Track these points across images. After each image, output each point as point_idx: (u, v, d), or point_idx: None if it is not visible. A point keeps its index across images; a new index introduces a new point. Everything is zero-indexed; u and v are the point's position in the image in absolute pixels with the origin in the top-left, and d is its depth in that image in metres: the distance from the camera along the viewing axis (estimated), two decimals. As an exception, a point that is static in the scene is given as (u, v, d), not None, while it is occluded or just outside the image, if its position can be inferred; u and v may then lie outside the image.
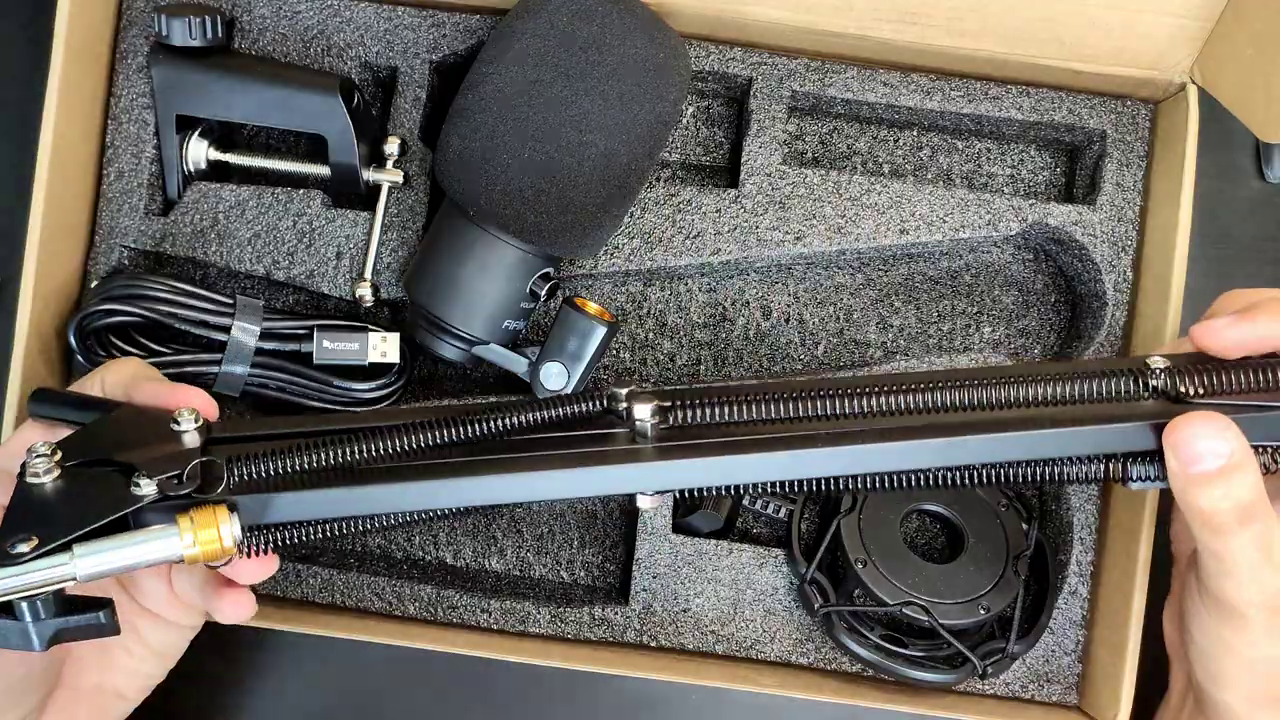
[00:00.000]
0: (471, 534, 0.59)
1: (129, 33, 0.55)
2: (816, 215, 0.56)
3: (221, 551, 0.35)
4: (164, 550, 0.35)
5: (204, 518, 0.35)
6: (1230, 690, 0.42)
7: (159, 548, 0.34)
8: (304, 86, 0.53)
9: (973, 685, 0.54)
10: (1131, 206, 0.56)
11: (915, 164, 0.60)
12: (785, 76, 0.56)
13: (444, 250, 0.51)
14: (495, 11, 0.55)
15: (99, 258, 0.55)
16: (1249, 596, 0.39)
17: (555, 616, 0.54)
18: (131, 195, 0.55)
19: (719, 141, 0.60)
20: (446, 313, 0.51)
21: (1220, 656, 0.42)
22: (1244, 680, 0.42)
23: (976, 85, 0.57)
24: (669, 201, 0.56)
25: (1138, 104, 0.57)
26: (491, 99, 0.48)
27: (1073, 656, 0.55)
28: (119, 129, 0.55)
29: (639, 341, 0.59)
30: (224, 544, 0.35)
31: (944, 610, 0.52)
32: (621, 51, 0.48)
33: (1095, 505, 0.55)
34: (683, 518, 0.55)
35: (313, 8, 0.56)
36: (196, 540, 0.35)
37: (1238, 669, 0.42)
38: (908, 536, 0.57)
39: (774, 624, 0.55)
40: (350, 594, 0.54)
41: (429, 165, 0.55)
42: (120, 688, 0.44)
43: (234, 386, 0.53)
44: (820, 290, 0.59)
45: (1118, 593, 0.53)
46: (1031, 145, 0.60)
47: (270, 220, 0.55)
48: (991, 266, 0.59)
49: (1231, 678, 0.42)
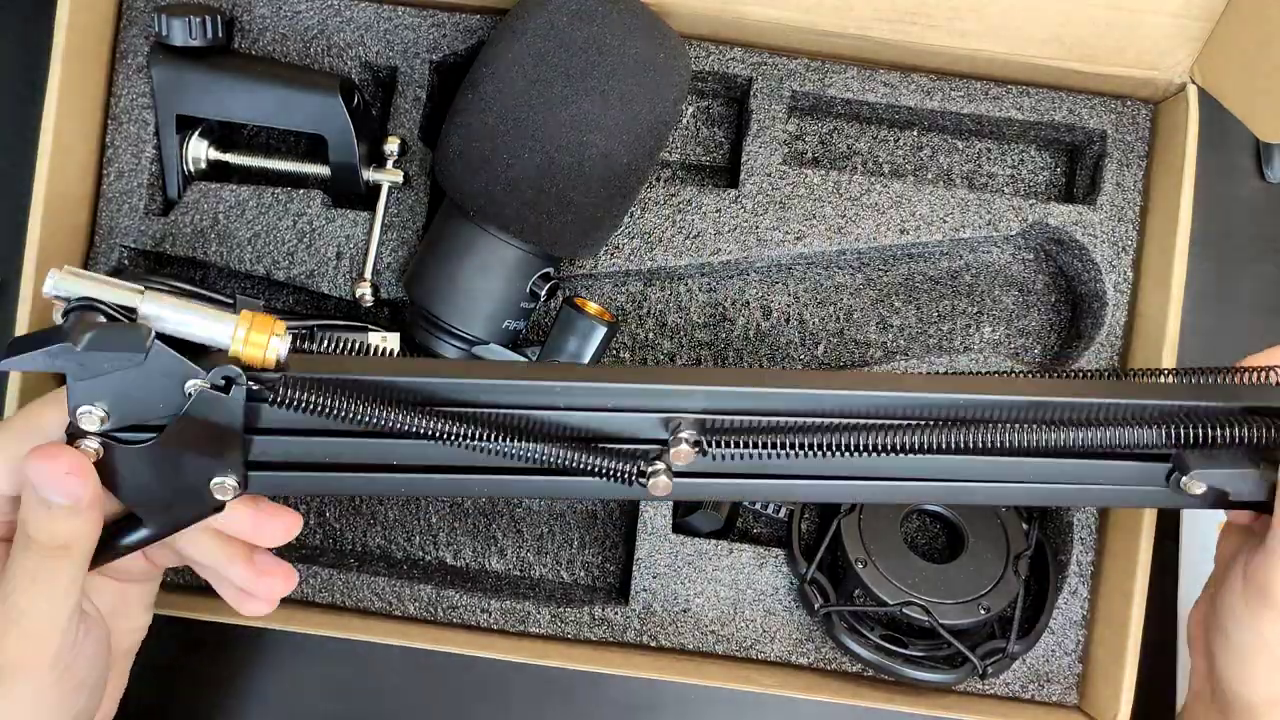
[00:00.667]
0: (471, 534, 0.59)
1: (129, 33, 0.55)
2: (816, 215, 0.56)
3: (262, 360, 0.36)
4: (214, 331, 0.36)
5: (262, 323, 0.36)
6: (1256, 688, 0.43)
7: (210, 327, 0.36)
8: (304, 86, 0.53)
9: (973, 685, 0.54)
10: (1131, 206, 0.56)
11: (915, 164, 0.60)
12: (785, 76, 0.56)
13: (444, 250, 0.51)
14: (495, 11, 0.55)
15: (99, 258, 0.55)
16: None
17: (555, 616, 0.54)
18: (131, 195, 0.55)
19: (719, 141, 0.60)
20: (446, 313, 0.51)
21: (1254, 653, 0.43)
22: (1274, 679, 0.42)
23: (976, 85, 0.57)
24: (669, 201, 0.56)
25: (1138, 104, 0.57)
26: (492, 99, 0.48)
27: (1073, 656, 0.55)
28: (119, 129, 0.55)
29: (639, 341, 0.59)
30: (267, 355, 0.36)
31: (944, 610, 0.52)
32: (621, 52, 0.48)
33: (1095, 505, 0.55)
34: (683, 518, 0.55)
35: (313, 8, 0.56)
36: (247, 338, 0.36)
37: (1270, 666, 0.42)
38: (908, 536, 0.57)
39: (774, 624, 0.55)
40: (350, 594, 0.54)
41: (429, 165, 0.55)
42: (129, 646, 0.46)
43: (234, 386, 0.53)
44: (820, 290, 0.59)
45: (1118, 593, 0.53)
46: (1031, 145, 0.60)
47: (270, 220, 0.55)
48: (991, 266, 0.59)
49: (1262, 676, 0.43)
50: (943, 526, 0.57)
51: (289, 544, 0.44)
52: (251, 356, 0.36)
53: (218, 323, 0.36)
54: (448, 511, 0.59)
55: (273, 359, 0.36)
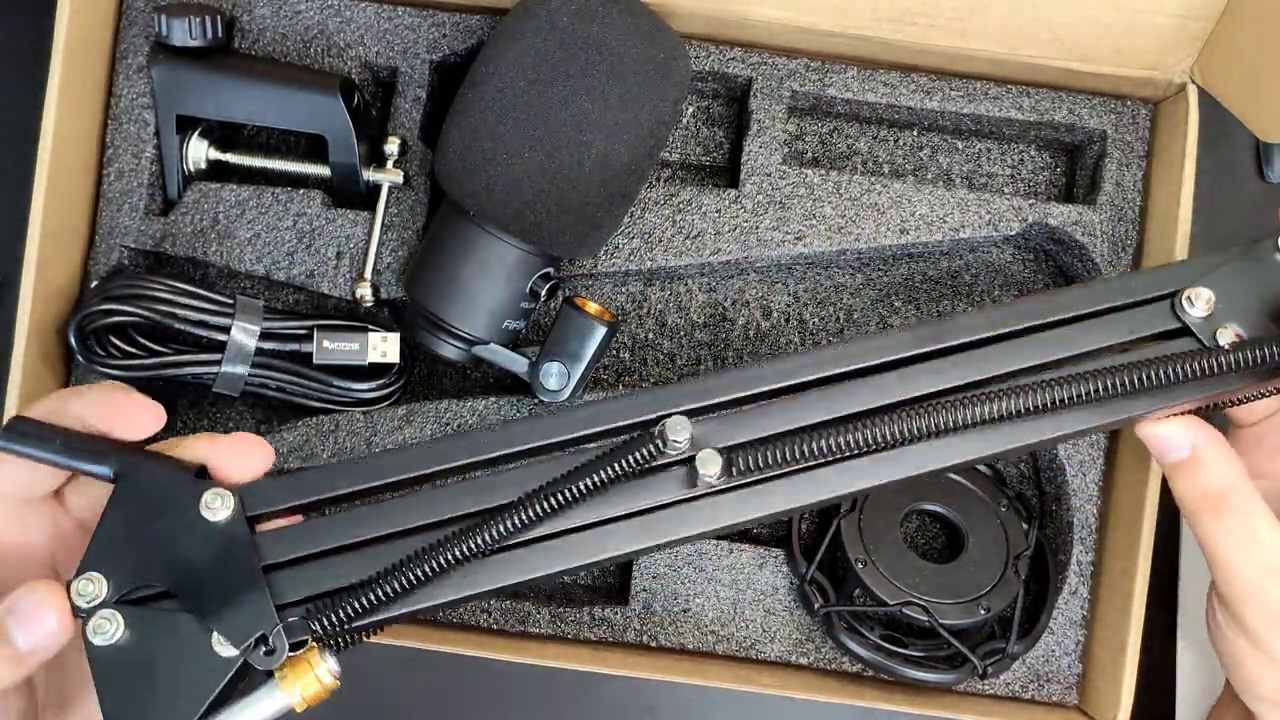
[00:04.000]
0: (471, 534, 0.59)
1: (129, 33, 0.55)
2: (816, 215, 0.56)
3: (324, 690, 0.36)
4: (276, 706, 0.35)
5: (299, 669, 0.35)
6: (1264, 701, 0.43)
7: (269, 705, 0.35)
8: (304, 86, 0.53)
9: (973, 685, 0.54)
10: (1131, 206, 0.56)
11: (915, 164, 0.60)
12: (785, 76, 0.56)
13: (444, 250, 0.51)
14: (495, 11, 0.55)
15: (99, 258, 0.54)
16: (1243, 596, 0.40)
17: (555, 616, 0.54)
18: (131, 195, 0.55)
19: (719, 141, 0.60)
20: (446, 312, 0.51)
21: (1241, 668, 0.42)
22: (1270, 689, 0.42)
23: (976, 85, 0.57)
24: (669, 201, 0.56)
25: (1138, 104, 0.57)
26: (492, 99, 0.48)
27: (1073, 656, 0.55)
28: (119, 129, 0.55)
29: (639, 341, 0.59)
30: (324, 683, 0.35)
31: (944, 610, 0.52)
32: (621, 51, 0.48)
33: (1095, 505, 0.55)
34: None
35: (313, 8, 0.56)
36: (303, 695, 0.35)
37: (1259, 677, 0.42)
38: (908, 536, 0.57)
39: (774, 624, 0.55)
40: (350, 594, 0.54)
41: (429, 165, 0.55)
42: None
43: (234, 387, 0.53)
44: (820, 290, 0.59)
45: (1118, 593, 0.53)
46: (1031, 145, 0.60)
47: (270, 220, 0.55)
48: (991, 266, 0.59)
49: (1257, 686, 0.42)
50: (943, 526, 0.57)
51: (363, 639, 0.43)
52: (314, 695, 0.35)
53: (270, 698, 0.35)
54: (448, 511, 0.59)
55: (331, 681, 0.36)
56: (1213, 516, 0.40)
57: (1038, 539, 0.55)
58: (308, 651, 0.35)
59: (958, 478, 0.55)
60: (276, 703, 0.35)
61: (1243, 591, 0.40)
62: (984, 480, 0.55)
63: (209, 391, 0.54)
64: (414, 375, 0.57)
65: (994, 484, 0.55)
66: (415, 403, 0.55)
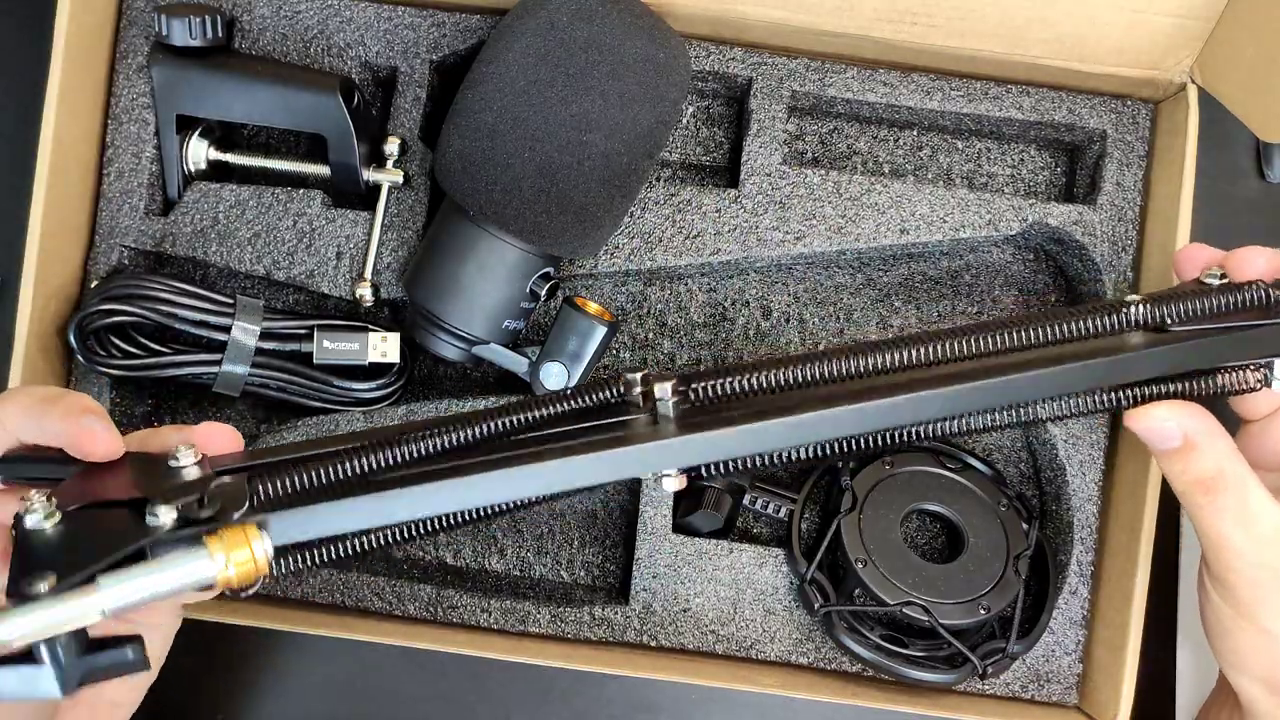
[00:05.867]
0: (471, 534, 0.59)
1: (129, 33, 0.55)
2: (816, 215, 0.56)
3: (255, 571, 0.33)
4: (196, 573, 0.32)
5: (234, 537, 0.33)
6: (1246, 674, 0.43)
7: (190, 570, 0.32)
8: (304, 86, 0.53)
9: (973, 685, 0.54)
10: (1131, 206, 0.56)
11: (915, 164, 0.60)
12: (785, 76, 0.56)
13: (444, 250, 0.51)
14: (495, 11, 0.55)
15: (99, 258, 0.55)
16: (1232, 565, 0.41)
17: (555, 616, 0.54)
18: (131, 195, 0.55)
19: (719, 141, 0.60)
20: (446, 312, 0.51)
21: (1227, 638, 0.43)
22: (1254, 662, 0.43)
23: (976, 85, 0.57)
24: (669, 201, 0.56)
25: (1138, 104, 0.57)
26: (492, 99, 0.48)
27: (1073, 656, 0.55)
28: (119, 129, 0.55)
29: (639, 341, 0.59)
30: (258, 562, 0.33)
31: (944, 610, 0.52)
32: (621, 51, 0.48)
33: (1095, 505, 0.55)
34: (683, 517, 0.55)
35: (313, 8, 0.56)
36: (230, 561, 0.32)
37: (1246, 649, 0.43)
38: (908, 536, 0.57)
39: (774, 624, 0.55)
40: (350, 594, 0.54)
41: (429, 165, 0.55)
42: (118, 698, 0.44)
43: (234, 386, 0.53)
44: (820, 290, 0.59)
45: (1118, 593, 0.53)
46: (1031, 145, 0.60)
47: (270, 220, 0.55)
48: (991, 266, 0.59)
49: (1244, 659, 0.43)
50: (942, 526, 0.57)
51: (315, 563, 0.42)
52: (245, 575, 0.33)
53: (192, 562, 0.32)
54: (448, 511, 0.59)
55: (264, 563, 0.33)
56: (1207, 497, 0.41)
57: (1038, 539, 0.55)
58: (247, 526, 0.33)
59: (957, 477, 0.55)
60: (198, 569, 0.32)
61: (1234, 562, 0.41)
62: (984, 480, 0.55)
63: (209, 391, 0.54)
64: (414, 375, 0.57)
65: (994, 484, 0.55)
66: (415, 403, 0.55)
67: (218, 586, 0.33)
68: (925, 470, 0.55)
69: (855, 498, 0.54)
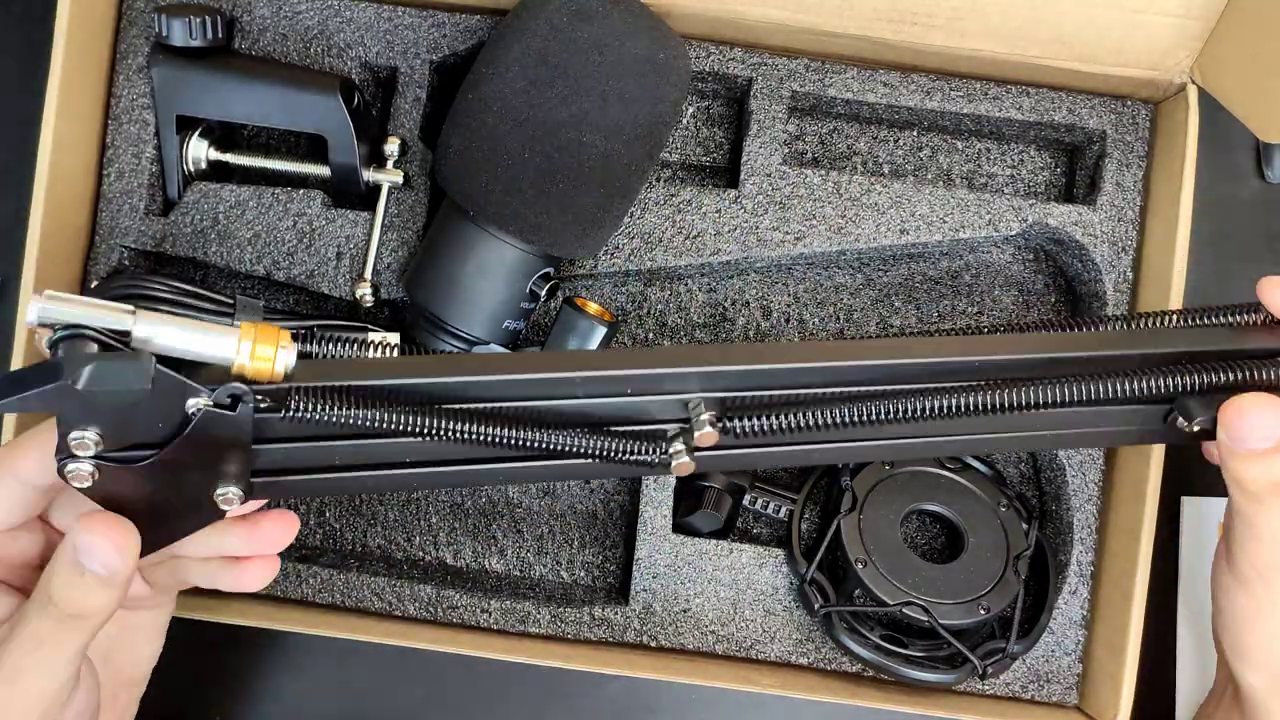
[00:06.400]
0: (471, 534, 0.59)
1: (129, 33, 0.55)
2: (816, 215, 0.56)
3: (269, 373, 0.34)
4: (217, 346, 0.34)
5: (266, 334, 0.34)
6: (1253, 666, 0.44)
7: (213, 342, 0.34)
8: (304, 86, 0.53)
9: (973, 685, 0.54)
10: (1131, 206, 0.56)
11: (915, 164, 0.60)
12: (785, 76, 0.56)
13: (444, 250, 0.51)
14: (495, 11, 0.55)
15: (99, 258, 0.55)
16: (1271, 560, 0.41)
17: (555, 616, 0.54)
18: (131, 195, 0.55)
19: (719, 141, 0.60)
20: (446, 313, 0.51)
21: (1242, 628, 0.43)
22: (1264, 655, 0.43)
23: (976, 85, 0.57)
24: (669, 201, 0.56)
25: (1138, 104, 0.57)
26: (492, 99, 0.48)
27: (1073, 656, 0.55)
28: (119, 129, 0.55)
29: (639, 341, 0.59)
30: (275, 368, 0.34)
31: (944, 610, 0.52)
32: (621, 52, 0.48)
33: (1095, 505, 0.55)
34: (683, 518, 0.55)
35: (313, 8, 0.56)
36: (254, 352, 0.34)
37: (1259, 642, 0.43)
38: (908, 536, 0.57)
39: (774, 624, 0.55)
40: (350, 594, 0.54)
41: (429, 165, 0.55)
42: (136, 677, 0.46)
43: (234, 386, 0.53)
44: (820, 290, 0.59)
45: (1118, 593, 0.53)
46: (1031, 145, 0.60)
47: (270, 220, 0.55)
48: (991, 266, 0.59)
49: (1254, 652, 0.43)
50: (943, 526, 0.57)
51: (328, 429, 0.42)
52: (259, 371, 0.34)
53: (220, 337, 0.34)
54: (448, 511, 0.59)
55: (281, 371, 0.35)
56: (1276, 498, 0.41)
57: (1038, 539, 0.55)
58: (282, 333, 0.34)
59: (957, 478, 0.55)
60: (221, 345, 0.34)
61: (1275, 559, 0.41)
62: (984, 480, 0.55)
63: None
64: (414, 375, 0.57)
65: (994, 484, 0.55)
66: (415, 403, 0.55)
67: (232, 371, 0.34)
68: (925, 470, 0.55)
69: (855, 498, 0.54)
